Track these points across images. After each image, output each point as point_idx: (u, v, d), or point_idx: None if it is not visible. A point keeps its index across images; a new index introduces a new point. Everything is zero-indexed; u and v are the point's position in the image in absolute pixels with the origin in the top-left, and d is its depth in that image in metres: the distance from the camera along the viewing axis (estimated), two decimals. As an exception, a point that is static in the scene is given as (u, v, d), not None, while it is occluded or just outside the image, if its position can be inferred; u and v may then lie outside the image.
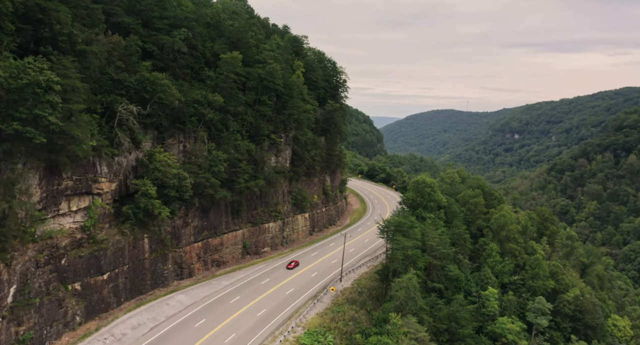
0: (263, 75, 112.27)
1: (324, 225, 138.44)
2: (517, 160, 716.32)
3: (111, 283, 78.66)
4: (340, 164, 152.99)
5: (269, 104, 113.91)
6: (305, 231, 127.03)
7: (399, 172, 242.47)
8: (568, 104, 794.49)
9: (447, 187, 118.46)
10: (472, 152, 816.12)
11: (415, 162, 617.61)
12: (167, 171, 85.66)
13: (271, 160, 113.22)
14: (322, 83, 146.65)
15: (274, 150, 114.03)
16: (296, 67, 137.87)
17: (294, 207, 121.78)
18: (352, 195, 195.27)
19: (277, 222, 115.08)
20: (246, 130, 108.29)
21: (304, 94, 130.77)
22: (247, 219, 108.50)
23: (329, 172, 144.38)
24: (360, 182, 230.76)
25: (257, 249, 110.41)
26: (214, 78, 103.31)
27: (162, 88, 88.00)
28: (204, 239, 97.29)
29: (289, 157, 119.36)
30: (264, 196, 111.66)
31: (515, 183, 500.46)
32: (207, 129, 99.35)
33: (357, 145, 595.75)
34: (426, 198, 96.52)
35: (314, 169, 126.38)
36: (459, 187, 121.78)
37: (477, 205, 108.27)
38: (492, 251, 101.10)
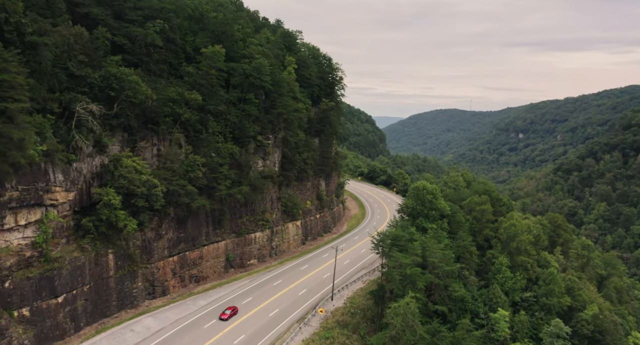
0: (249, 71, 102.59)
1: (318, 233, 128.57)
2: (521, 159, 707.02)
3: (68, 306, 69.01)
4: (336, 166, 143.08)
5: (255, 102, 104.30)
6: (296, 240, 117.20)
7: (400, 173, 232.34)
8: (573, 103, 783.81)
9: (451, 192, 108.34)
10: (476, 152, 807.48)
11: (418, 162, 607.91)
12: (134, 178, 75.97)
13: (258, 164, 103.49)
14: (317, 80, 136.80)
15: (261, 153, 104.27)
16: (287, 63, 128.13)
17: (283, 215, 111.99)
18: (350, 199, 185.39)
19: (265, 231, 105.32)
20: (230, 131, 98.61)
21: (296, 92, 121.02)
22: (231, 229, 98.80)
23: (324, 176, 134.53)
24: (360, 185, 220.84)
25: (242, 262, 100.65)
26: (193, 74, 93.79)
27: (130, 85, 78.53)
28: (180, 252, 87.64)
29: (278, 160, 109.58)
30: (249, 204, 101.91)
31: (520, 183, 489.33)
32: (184, 131, 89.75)
33: (359, 145, 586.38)
34: (427, 206, 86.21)
35: (306, 173, 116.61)
36: (464, 192, 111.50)
37: (484, 213, 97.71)
38: (501, 266, 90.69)
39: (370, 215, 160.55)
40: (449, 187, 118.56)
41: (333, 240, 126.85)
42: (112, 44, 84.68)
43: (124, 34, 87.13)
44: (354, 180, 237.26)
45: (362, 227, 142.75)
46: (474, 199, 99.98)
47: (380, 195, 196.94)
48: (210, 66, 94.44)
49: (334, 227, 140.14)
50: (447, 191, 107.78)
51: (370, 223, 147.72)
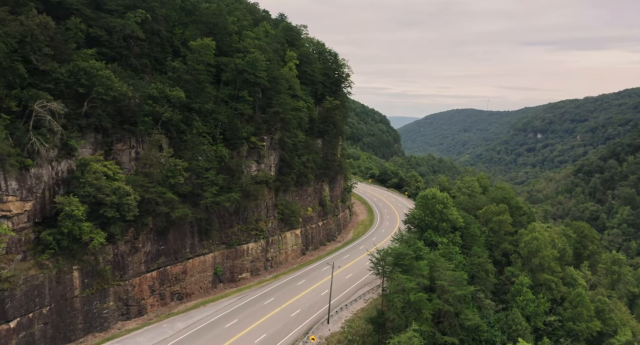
0: (241, 66, 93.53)
1: (321, 242, 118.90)
2: (540, 160, 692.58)
3: (22, 332, 60.43)
4: (341, 170, 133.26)
5: (249, 100, 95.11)
6: (296, 251, 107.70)
7: (412, 176, 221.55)
8: (593, 102, 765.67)
9: (465, 200, 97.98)
10: (493, 152, 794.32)
11: (433, 163, 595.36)
12: (103, 185, 67.23)
13: (251, 168, 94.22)
14: (320, 77, 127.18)
15: (255, 156, 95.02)
16: (288, 59, 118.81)
17: (281, 223, 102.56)
18: (358, 204, 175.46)
19: (259, 242, 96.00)
20: (219, 132, 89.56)
21: (296, 90, 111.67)
22: (220, 240, 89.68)
23: (328, 180, 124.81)
24: (370, 188, 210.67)
25: (232, 276, 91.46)
26: (178, 69, 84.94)
27: (101, 80, 69.91)
28: (160, 267, 78.73)
29: (275, 163, 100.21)
30: (241, 212, 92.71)
31: (539, 185, 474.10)
32: (165, 132, 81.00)
33: (372, 146, 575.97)
34: (437, 217, 75.78)
35: (306, 177, 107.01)
36: (480, 199, 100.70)
37: (502, 225, 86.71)
38: (522, 286, 79.97)
39: (379, 221, 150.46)
40: (462, 194, 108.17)
41: (337, 250, 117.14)
42: (87, 36, 76.17)
43: (102, 25, 78.54)
44: (365, 182, 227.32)
45: (369, 235, 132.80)
46: (491, 208, 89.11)
47: (391, 199, 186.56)
48: (197, 60, 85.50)
49: (339, 235, 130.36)
50: (461, 198, 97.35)
51: (378, 230, 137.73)
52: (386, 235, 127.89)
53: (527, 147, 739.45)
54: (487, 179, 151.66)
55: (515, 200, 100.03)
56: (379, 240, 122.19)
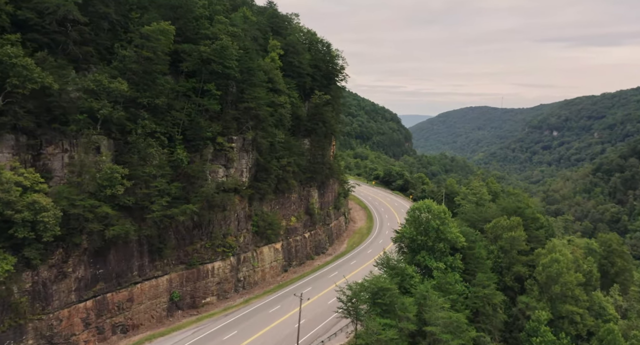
0: (207, 54, 79.94)
1: (308, 255, 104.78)
2: (556, 158, 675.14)
3: None
4: (333, 173, 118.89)
5: (216, 94, 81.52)
6: (275, 268, 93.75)
7: (419, 177, 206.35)
8: (610, 99, 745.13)
9: (471, 209, 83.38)
10: (508, 150, 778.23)
11: (445, 162, 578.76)
12: (12, 200, 54.05)
13: (217, 174, 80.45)
14: (310, 69, 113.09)
15: (222, 159, 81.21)
16: (271, 48, 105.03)
17: (256, 237, 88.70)
18: (358, 209, 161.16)
19: (227, 260, 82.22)
20: (179, 132, 76.02)
21: (279, 83, 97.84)
22: (178, 259, 76.08)
23: (317, 185, 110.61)
24: (373, 191, 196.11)
25: (194, 301, 77.76)
26: (126, 58, 71.49)
27: (16, 70, 56.92)
28: (98, 294, 65.33)
29: (248, 168, 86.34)
30: (205, 225, 79.00)
31: (556, 185, 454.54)
32: (107, 132, 67.68)
33: (382, 144, 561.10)
34: (432, 236, 61.20)
35: (287, 183, 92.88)
36: (489, 209, 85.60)
37: (514, 243, 71.31)
38: (539, 324, 64.72)
39: (378, 229, 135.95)
40: (469, 202, 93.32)
41: (325, 265, 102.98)
42: (13, 19, 63.34)
43: (33, 7, 65.46)
44: (368, 184, 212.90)
45: (364, 246, 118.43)
46: (501, 221, 73.92)
47: (394, 203, 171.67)
48: (148, 48, 71.91)
49: (330, 246, 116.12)
50: (467, 207, 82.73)
51: (375, 241, 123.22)
52: (384, 246, 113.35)
53: (543, 144, 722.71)
54: (497, 183, 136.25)
55: (530, 210, 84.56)
56: (375, 253, 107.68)
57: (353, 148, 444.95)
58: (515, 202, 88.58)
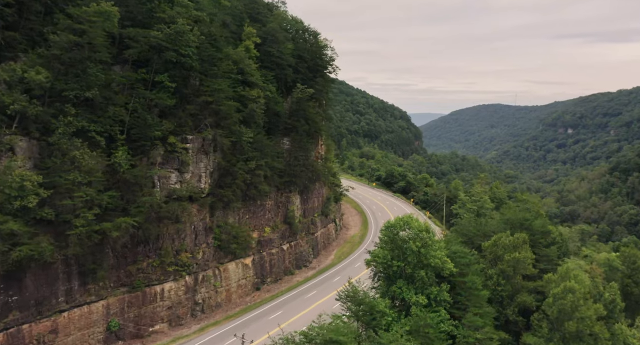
0: (157, 40, 68.10)
1: (287, 270, 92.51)
2: (571, 157, 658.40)
3: None
4: (318, 176, 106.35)
5: (169, 87, 69.74)
6: (244, 287, 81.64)
7: (423, 179, 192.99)
8: (627, 95, 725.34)
9: (467, 221, 70.60)
10: (521, 149, 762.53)
11: (456, 161, 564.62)
12: None
13: (168, 180, 68.54)
14: (292, 60, 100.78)
15: (175, 162, 69.24)
16: (246, 36, 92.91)
17: (219, 253, 76.65)
18: (353, 213, 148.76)
19: (181, 280, 70.29)
20: (120, 131, 64.28)
21: (252, 74, 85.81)
22: (118, 281, 64.30)
23: (298, 190, 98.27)
24: (372, 193, 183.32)
25: (139, 330, 65.86)
26: (54, 44, 59.89)
27: None
28: (10, 326, 53.67)
29: (209, 172, 74.30)
30: (152, 241, 67.12)
31: (571, 185, 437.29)
32: (24, 131, 56.26)
33: (391, 143, 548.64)
34: (411, 261, 48.33)
35: (257, 189, 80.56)
36: (490, 220, 72.22)
37: (518, 266, 57.78)
38: (548, 377, 52.06)
39: (372, 236, 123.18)
40: (467, 211, 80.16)
41: (305, 282, 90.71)
42: None
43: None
44: (369, 186, 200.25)
45: (354, 257, 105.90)
46: (502, 239, 60.49)
47: (394, 207, 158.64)
48: (80, 32, 60.22)
49: (315, 258, 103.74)
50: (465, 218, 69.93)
51: (371, 247, 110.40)
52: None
53: (557, 143, 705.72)
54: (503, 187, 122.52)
55: (540, 221, 70.64)
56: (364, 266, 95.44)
57: (360, 147, 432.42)
58: (523, 211, 75.33)
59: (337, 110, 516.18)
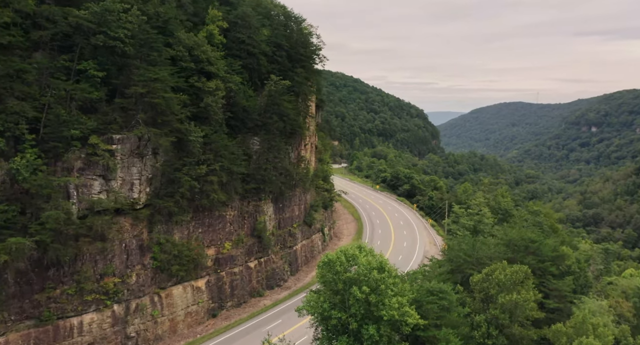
0: (79, 20, 56.11)
1: (254, 291, 79.46)
2: (595, 156, 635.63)
3: None
4: (298, 182, 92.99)
5: (96, 77, 57.51)
6: (196, 314, 68.84)
7: (431, 181, 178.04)
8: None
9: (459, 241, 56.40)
10: (543, 148, 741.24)
11: (474, 160, 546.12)
12: None
13: (90, 189, 56.16)
14: (267, 48, 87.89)
15: (98, 168, 56.75)
16: (210, 20, 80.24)
17: (159, 275, 63.96)
18: (349, 220, 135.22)
19: (107, 310, 57.80)
20: (28, 130, 52.18)
21: (212, 63, 73.10)
22: (22, 313, 51.97)
23: (272, 197, 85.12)
24: (374, 196, 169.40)
25: (47, 374, 53.67)
26: None
27: None
28: None
29: (145, 179, 61.72)
30: (67, 263, 54.71)
31: (594, 186, 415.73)
32: None
33: (407, 142, 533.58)
34: (359, 312, 33.79)
35: (208, 198, 67.60)
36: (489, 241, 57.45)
37: (516, 311, 43.18)
38: None
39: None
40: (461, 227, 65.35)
41: (275, 305, 77.58)
42: None
43: None
44: (372, 189, 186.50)
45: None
46: (497, 271, 45.46)
47: (395, 213, 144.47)
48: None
49: (294, 275, 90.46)
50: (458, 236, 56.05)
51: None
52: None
53: (581, 141, 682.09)
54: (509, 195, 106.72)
55: (551, 244, 55.31)
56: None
57: (374, 146, 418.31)
58: (531, 228, 60.97)
59: (350, 108, 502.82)
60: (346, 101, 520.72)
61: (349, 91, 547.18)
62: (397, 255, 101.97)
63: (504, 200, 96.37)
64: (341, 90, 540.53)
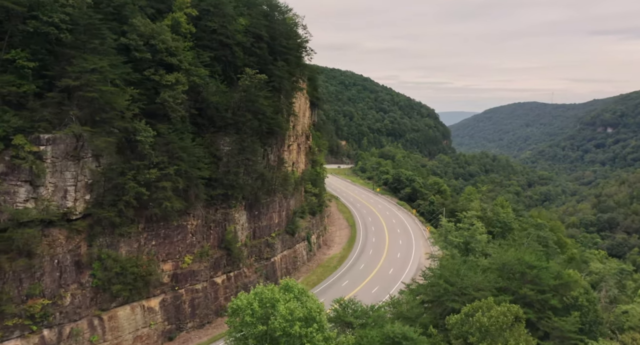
0: (3, 2, 48.31)
1: (220, 310, 71.06)
2: (610, 157, 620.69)
3: None
4: (277, 187, 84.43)
5: (25, 68, 49.66)
6: (148, 338, 60.63)
7: (434, 184, 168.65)
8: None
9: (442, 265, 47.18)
10: (557, 149, 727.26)
11: (486, 161, 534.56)
12: None
13: (15, 198, 48.22)
14: (244, 39, 79.64)
15: (24, 173, 48.76)
16: (177, 7, 72.15)
17: (101, 295, 55.89)
18: (344, 226, 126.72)
19: (33, 336, 49.70)
20: None
21: (175, 54, 65.06)
22: None
23: (245, 204, 76.78)
24: (374, 200, 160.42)
25: None
26: None
27: None
28: None
29: (83, 185, 53.63)
30: (-21, 284, 46.83)
31: (610, 189, 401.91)
32: None
33: (417, 142, 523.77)
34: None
35: (160, 207, 59.30)
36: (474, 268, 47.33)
37: None
38: None
39: (355, 259, 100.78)
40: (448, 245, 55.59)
41: (243, 326, 69.28)
42: None
43: None
44: (373, 191, 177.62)
45: (322, 289, 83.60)
46: (480, 312, 36.03)
47: (392, 219, 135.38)
48: None
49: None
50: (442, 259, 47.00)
51: (341, 279, 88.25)
52: (345, 293, 79.12)
53: (596, 142, 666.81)
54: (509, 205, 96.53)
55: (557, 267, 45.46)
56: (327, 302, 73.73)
57: (383, 146, 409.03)
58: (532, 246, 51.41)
59: (359, 107, 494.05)
60: (355, 100, 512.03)
61: (358, 90, 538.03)
62: (389, 268, 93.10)
63: (503, 211, 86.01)
64: (350, 89, 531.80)
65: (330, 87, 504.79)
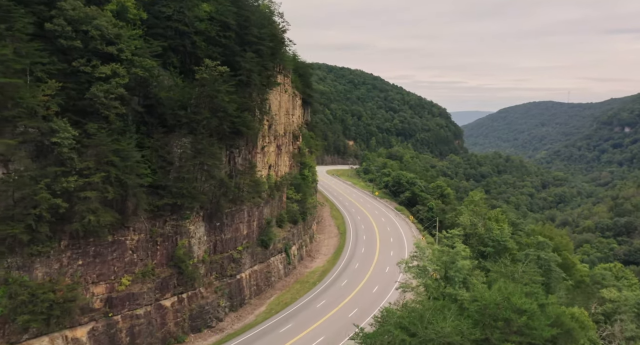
0: None
1: (171, 337, 61.67)
2: (628, 158, 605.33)
3: None
4: (244, 194, 74.76)
5: None
6: (70, 375, 51.50)
7: (436, 187, 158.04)
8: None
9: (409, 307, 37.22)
10: (573, 149, 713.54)
11: (499, 162, 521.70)
12: None
13: None
14: (207, 27, 70.40)
15: None
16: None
17: (8, 325, 46.65)
18: (334, 234, 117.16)
19: None
20: None
21: (118, 43, 56.02)
22: None
23: (203, 215, 67.38)
24: (370, 205, 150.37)
25: None
26: None
27: None
28: None
29: (-18, 196, 44.51)
30: None
31: (627, 191, 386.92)
32: None
33: (427, 142, 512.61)
34: None
35: (81, 222, 50.05)
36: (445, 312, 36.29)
37: None
38: None
39: (339, 272, 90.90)
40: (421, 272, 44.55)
41: (195, 357, 59.93)
42: None
43: None
44: (371, 194, 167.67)
45: (295, 309, 73.88)
46: None
47: (387, 227, 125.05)
48: None
49: (235, 311, 72.21)
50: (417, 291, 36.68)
51: (319, 297, 78.40)
52: (326, 313, 69.46)
53: (613, 142, 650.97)
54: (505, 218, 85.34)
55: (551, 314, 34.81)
56: (299, 329, 64.08)
57: (391, 146, 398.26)
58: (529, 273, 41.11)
59: (368, 107, 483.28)
60: (364, 99, 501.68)
61: (367, 89, 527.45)
62: (373, 285, 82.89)
63: (497, 227, 74.34)
64: (359, 88, 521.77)
65: (339, 86, 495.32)
